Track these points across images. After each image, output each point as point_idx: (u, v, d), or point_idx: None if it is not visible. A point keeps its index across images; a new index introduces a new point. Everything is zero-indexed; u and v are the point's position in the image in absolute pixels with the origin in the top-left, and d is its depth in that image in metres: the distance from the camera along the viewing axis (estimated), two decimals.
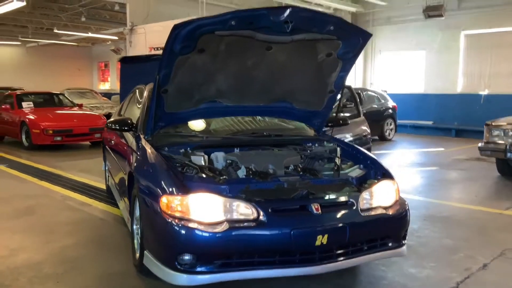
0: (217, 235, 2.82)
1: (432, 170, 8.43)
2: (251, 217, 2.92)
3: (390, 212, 3.29)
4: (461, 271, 3.65)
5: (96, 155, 6.34)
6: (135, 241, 3.57)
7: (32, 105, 11.32)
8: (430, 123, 14.69)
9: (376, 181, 3.43)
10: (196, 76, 3.57)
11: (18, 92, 12.78)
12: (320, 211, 2.98)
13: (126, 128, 4.24)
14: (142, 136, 3.87)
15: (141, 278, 3.43)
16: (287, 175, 3.46)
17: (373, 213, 3.22)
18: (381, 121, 12.65)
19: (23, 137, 10.59)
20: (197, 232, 2.82)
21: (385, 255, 3.36)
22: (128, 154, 4.19)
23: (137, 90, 5.21)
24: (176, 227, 2.85)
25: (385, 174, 3.55)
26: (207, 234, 2.82)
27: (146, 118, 3.84)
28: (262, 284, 3.28)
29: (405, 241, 3.43)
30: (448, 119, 14.30)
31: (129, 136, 4.35)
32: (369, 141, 6.01)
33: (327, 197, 3.14)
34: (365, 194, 3.26)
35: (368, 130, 6.10)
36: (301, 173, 3.50)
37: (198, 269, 2.86)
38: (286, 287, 3.30)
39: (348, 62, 3.81)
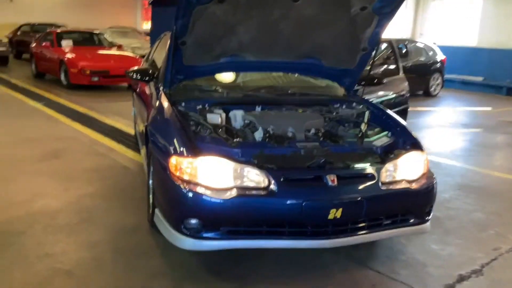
0: (224, 202, 2.68)
1: (475, 132, 7.97)
2: (262, 185, 2.76)
3: (415, 186, 3.04)
4: (488, 251, 3.41)
5: (131, 98, 6.28)
6: (150, 195, 3.50)
7: (71, 44, 11.35)
8: (480, 79, 13.84)
9: (403, 151, 3.17)
10: (216, 28, 3.33)
11: (58, 30, 12.83)
12: (336, 183, 2.78)
13: (146, 78, 4.11)
14: (161, 88, 3.72)
15: (153, 234, 3.38)
16: (306, 140, 3.24)
17: (395, 187, 2.98)
18: (427, 75, 11.99)
19: (62, 75, 10.69)
20: (204, 197, 2.69)
21: (405, 232, 3.16)
22: (148, 104, 4.08)
23: (163, 37, 5.03)
24: (183, 190, 2.74)
25: (414, 145, 3.28)
26: (214, 200, 2.69)
27: (166, 70, 3.67)
28: (274, 251, 3.17)
29: (430, 217, 3.20)
30: (500, 76, 13.40)
31: (151, 86, 4.22)
32: (407, 101, 5.64)
33: (345, 168, 2.92)
34: (389, 166, 3.02)
35: (407, 89, 5.71)
36: (322, 138, 3.28)
37: (204, 234, 2.76)
38: (297, 254, 3.16)
39: (384, 17, 3.45)
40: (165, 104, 3.41)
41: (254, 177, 2.77)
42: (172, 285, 2.83)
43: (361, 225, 2.90)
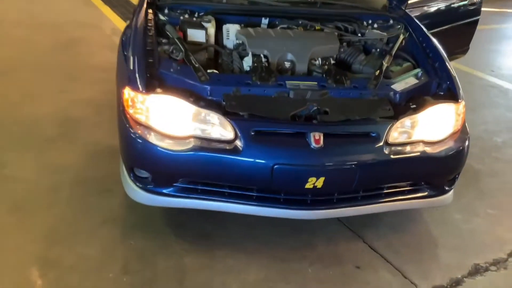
0: (178, 155, 2.14)
1: None
2: (226, 138, 2.17)
3: (435, 151, 2.31)
4: None
5: None
6: None
7: None
8: None
9: (430, 101, 2.39)
10: None
11: None
12: (320, 143, 2.12)
13: None
14: None
15: None
16: (300, 77, 2.51)
17: (406, 151, 2.27)
18: None
19: None
20: (153, 147, 2.15)
21: (415, 205, 2.51)
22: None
23: None
24: (131, 134, 2.21)
25: (449, 91, 2.48)
26: (166, 152, 2.14)
27: None
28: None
29: (453, 186, 2.51)
30: None
31: None
32: (478, 11, 4.49)
33: (340, 122, 2.22)
34: (404, 121, 2.29)
35: None
36: (324, 75, 2.52)
37: (155, 189, 2.29)
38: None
39: None
40: (142, 9, 2.77)
41: (218, 127, 2.18)
42: (119, 234, 2.45)
43: (352, 195, 2.29)
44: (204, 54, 2.67)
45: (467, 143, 2.43)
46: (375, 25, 3.00)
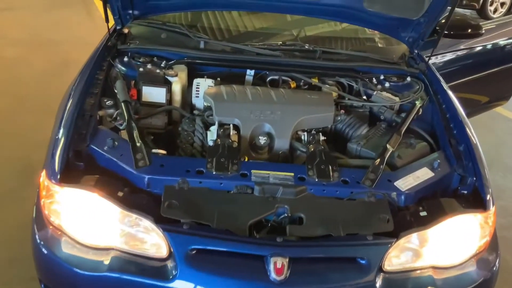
0: (88, 275, 1.60)
1: None
2: (158, 255, 1.60)
3: (449, 278, 1.68)
4: None
5: None
6: None
7: None
8: None
9: (449, 205, 1.75)
10: None
11: None
12: (283, 274, 1.52)
13: None
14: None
15: None
16: (273, 165, 1.90)
17: (409, 282, 1.64)
18: None
19: None
20: (58, 260, 1.62)
21: None
22: None
23: None
24: (36, 237, 1.69)
25: (476, 189, 1.83)
26: (74, 270, 1.60)
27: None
28: None
29: None
30: None
31: None
32: None
33: (316, 242, 1.61)
34: (409, 239, 1.67)
35: None
36: (306, 161, 1.90)
37: None
38: None
39: None
40: (96, 55, 2.26)
41: (149, 238, 1.62)
42: None
43: None
44: (163, 118, 2.13)
45: (496, 267, 1.77)
46: (387, 84, 2.37)
